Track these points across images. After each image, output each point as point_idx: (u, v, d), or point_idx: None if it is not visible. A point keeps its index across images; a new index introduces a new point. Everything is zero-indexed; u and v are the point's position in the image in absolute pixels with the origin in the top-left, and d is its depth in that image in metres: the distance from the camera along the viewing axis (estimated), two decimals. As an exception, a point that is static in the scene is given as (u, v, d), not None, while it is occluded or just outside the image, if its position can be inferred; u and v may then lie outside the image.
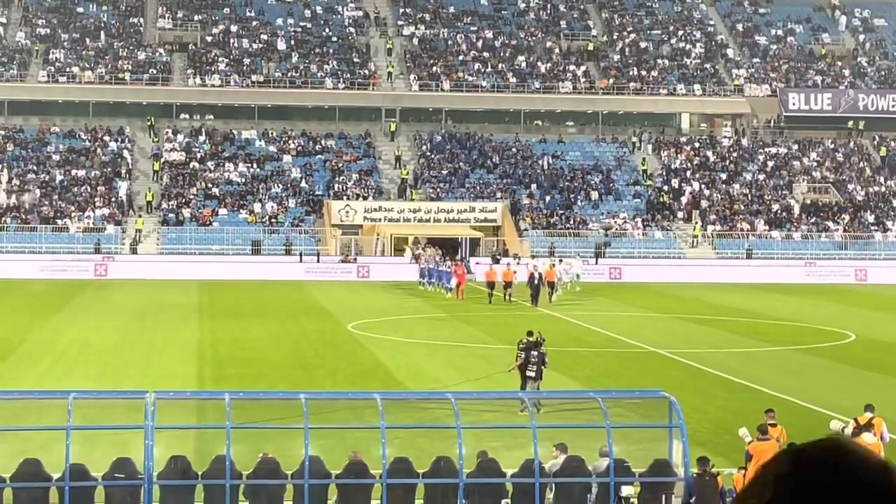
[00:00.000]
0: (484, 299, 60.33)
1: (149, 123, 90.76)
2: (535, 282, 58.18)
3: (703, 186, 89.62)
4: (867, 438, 22.29)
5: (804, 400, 32.68)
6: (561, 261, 66.50)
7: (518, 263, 67.01)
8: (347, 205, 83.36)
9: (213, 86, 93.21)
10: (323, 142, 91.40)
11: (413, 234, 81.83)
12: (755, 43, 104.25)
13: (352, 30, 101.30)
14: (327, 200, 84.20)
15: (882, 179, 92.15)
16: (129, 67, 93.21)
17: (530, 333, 31.71)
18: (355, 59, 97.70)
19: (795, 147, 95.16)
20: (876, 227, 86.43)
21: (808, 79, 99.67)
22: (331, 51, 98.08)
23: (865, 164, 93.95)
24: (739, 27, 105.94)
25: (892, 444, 23.68)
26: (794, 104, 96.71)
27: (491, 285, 59.90)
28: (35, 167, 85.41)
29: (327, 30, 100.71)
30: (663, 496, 20.07)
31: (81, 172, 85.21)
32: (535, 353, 30.83)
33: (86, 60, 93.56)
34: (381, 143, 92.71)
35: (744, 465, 21.35)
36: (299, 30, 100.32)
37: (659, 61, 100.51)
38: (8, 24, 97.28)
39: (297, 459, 19.99)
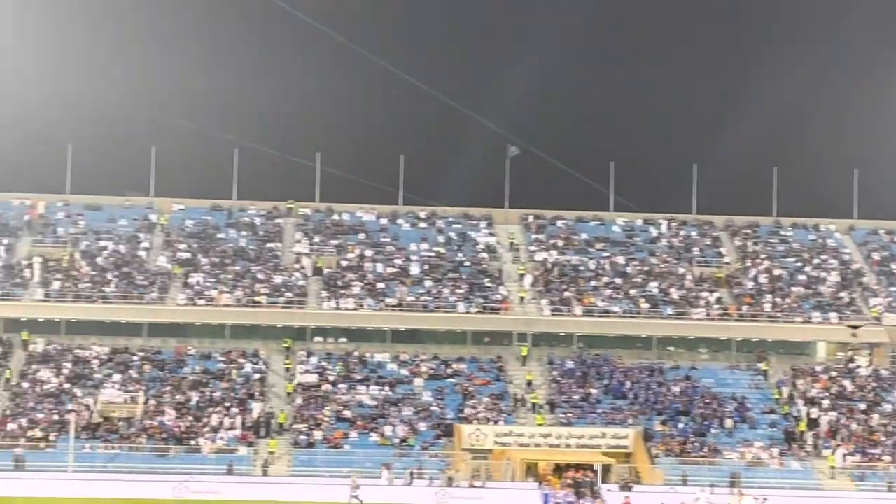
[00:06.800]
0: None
1: (285, 346, 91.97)
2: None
3: (840, 416, 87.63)
4: None
5: None
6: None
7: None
8: (478, 429, 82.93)
9: (346, 309, 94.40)
10: (454, 365, 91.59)
11: (543, 459, 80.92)
12: (892, 272, 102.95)
13: (485, 255, 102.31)
14: (457, 424, 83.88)
15: None
16: (266, 291, 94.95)
17: None
18: (487, 284, 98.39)
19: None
20: None
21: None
22: (463, 275, 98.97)
23: None
24: (876, 256, 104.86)
25: None
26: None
27: None
28: (171, 388, 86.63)
29: (460, 255, 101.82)
30: None
31: (217, 394, 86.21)
32: None
33: (224, 284, 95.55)
34: (513, 368, 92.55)
35: None
36: (433, 254, 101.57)
37: (793, 289, 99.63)
38: (151, 248, 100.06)
39: None
